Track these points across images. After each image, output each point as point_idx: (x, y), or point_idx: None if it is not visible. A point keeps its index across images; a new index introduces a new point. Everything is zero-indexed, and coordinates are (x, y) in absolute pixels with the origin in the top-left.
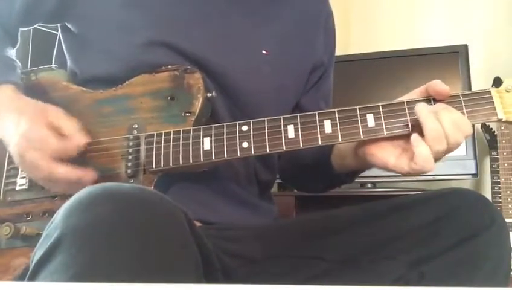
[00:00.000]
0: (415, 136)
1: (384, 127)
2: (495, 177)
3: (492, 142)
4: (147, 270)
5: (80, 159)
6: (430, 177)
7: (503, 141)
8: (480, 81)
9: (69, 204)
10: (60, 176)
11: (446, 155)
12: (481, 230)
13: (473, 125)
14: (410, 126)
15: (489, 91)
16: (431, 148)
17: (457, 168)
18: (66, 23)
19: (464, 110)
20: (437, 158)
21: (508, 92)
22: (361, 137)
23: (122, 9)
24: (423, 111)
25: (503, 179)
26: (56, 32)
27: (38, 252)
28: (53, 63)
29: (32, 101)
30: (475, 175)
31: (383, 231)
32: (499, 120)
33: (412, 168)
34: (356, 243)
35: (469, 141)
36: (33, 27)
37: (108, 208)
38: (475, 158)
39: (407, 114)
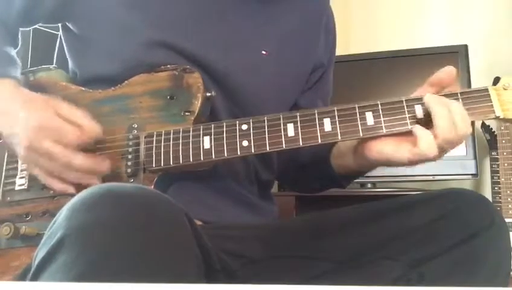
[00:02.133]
0: (417, 126)
1: (383, 124)
2: (495, 177)
3: (492, 142)
4: (149, 271)
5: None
6: (430, 177)
7: (503, 141)
8: (480, 81)
9: (72, 204)
10: (78, 163)
11: (445, 154)
12: (481, 230)
13: (473, 124)
14: (409, 124)
15: (487, 89)
16: (440, 135)
17: (457, 168)
18: (67, 23)
19: None
20: (443, 148)
21: (505, 89)
22: (361, 135)
23: (122, 9)
24: (433, 99)
25: (503, 179)
26: (56, 33)
27: (40, 252)
28: (54, 63)
29: (35, 94)
30: (475, 175)
31: (383, 231)
32: (497, 117)
33: (413, 153)
34: (356, 243)
35: (469, 141)
36: (33, 27)
37: (110, 209)
38: (475, 158)
39: (406, 112)
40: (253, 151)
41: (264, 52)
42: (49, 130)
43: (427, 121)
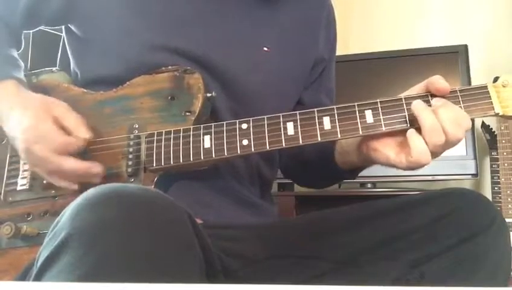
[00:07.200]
0: (410, 131)
1: (382, 122)
2: (495, 177)
3: (492, 142)
4: (152, 271)
5: (83, 156)
6: (430, 177)
7: (503, 141)
8: (480, 81)
9: (76, 204)
10: (68, 167)
11: (446, 151)
12: (481, 230)
13: (473, 122)
14: (408, 121)
15: (486, 86)
16: (428, 141)
17: (457, 168)
18: (69, 25)
19: (461, 104)
20: (435, 152)
21: (504, 86)
22: (360, 133)
23: (124, 12)
24: (419, 106)
25: (503, 179)
26: (58, 34)
27: (44, 252)
28: (57, 65)
29: (36, 95)
30: (475, 175)
31: (383, 231)
32: (496, 114)
33: (409, 161)
34: (356, 243)
35: (469, 141)
36: (36, 30)
37: (115, 209)
38: (475, 158)
39: (405, 110)
40: (253, 150)
41: (265, 48)
42: (39, 135)
43: None
